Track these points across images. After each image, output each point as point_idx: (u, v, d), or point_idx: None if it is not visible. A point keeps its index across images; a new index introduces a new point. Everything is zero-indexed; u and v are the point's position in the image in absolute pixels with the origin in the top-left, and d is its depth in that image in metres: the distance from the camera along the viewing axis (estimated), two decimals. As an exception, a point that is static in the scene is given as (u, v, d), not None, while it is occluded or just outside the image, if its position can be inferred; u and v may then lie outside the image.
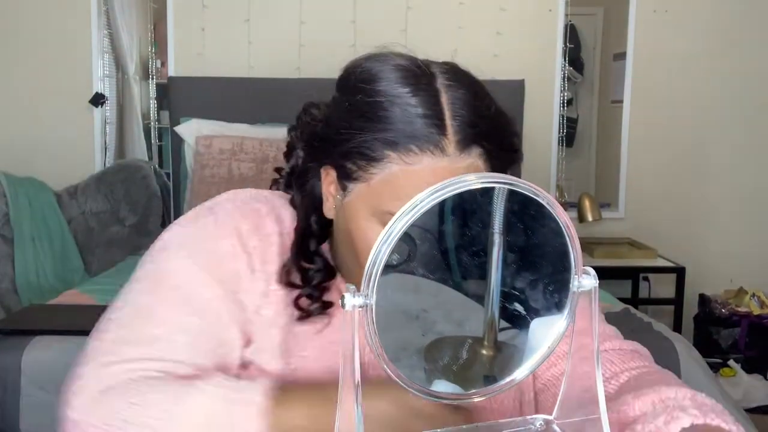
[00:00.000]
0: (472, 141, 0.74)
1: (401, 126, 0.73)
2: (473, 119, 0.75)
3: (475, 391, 0.59)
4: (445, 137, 0.73)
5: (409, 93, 0.75)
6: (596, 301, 0.59)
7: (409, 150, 0.73)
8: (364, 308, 0.54)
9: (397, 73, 0.77)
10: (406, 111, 0.74)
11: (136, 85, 4.10)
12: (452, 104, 0.75)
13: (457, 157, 0.73)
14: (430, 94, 0.75)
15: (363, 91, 0.77)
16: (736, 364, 3.27)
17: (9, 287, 3.06)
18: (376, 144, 0.74)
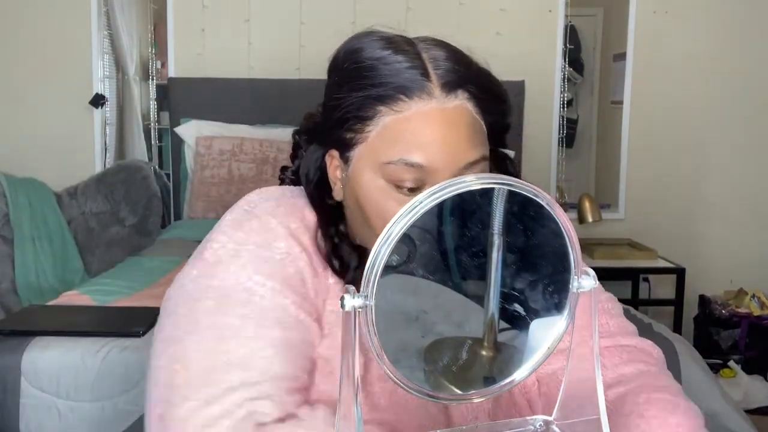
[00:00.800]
0: (456, 85, 0.78)
1: (388, 80, 0.77)
2: (455, 67, 0.79)
3: (474, 392, 0.59)
4: (429, 82, 0.77)
5: (391, 53, 0.78)
6: (596, 301, 0.59)
7: (398, 100, 0.76)
8: (364, 309, 0.54)
9: (379, 41, 0.80)
10: (390, 66, 0.77)
11: (136, 86, 4.10)
12: (434, 59, 0.79)
13: (444, 98, 0.77)
14: (412, 52, 0.79)
15: (348, 61, 0.80)
16: (736, 365, 3.27)
17: (9, 287, 3.06)
18: (367, 102, 0.77)
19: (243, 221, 0.81)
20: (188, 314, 0.75)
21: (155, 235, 3.39)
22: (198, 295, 0.76)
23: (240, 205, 0.84)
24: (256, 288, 0.75)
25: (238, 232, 0.80)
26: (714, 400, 1.89)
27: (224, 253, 0.78)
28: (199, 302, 0.75)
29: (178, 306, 0.76)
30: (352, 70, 0.79)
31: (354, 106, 0.78)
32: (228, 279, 0.76)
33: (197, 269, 0.78)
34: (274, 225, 0.80)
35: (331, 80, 0.84)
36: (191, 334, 0.73)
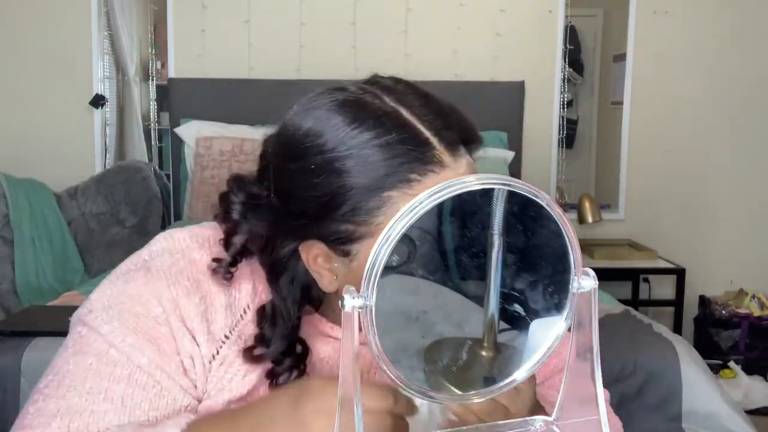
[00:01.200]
0: (456, 141, 0.69)
1: (387, 162, 0.66)
2: (442, 121, 0.69)
3: (474, 392, 0.59)
4: (434, 149, 0.67)
5: (372, 126, 0.67)
6: (596, 302, 0.59)
7: (409, 181, 0.66)
8: (364, 309, 0.54)
9: (344, 112, 0.69)
10: (380, 145, 0.66)
11: (136, 87, 4.10)
12: (416, 115, 0.69)
13: (455, 162, 0.68)
14: (393, 117, 0.68)
15: (322, 149, 0.68)
16: (736, 366, 3.27)
17: (9, 288, 3.06)
18: (369, 193, 0.66)
19: (131, 272, 0.77)
20: (59, 352, 0.76)
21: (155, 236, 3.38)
22: (66, 341, 0.77)
23: (142, 252, 0.79)
24: (116, 341, 0.72)
25: (120, 283, 0.76)
26: (714, 401, 1.89)
27: (99, 302, 0.75)
28: (64, 349, 0.76)
29: (66, 339, 0.77)
30: (330, 163, 0.67)
31: (351, 202, 0.67)
32: (92, 329, 0.74)
33: (77, 316, 0.77)
34: (160, 283, 0.74)
35: (300, 172, 0.70)
36: (48, 375, 0.75)
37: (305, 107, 0.72)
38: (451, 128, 0.69)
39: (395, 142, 0.66)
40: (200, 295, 0.75)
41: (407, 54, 3.55)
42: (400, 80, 0.74)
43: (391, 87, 0.72)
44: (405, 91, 0.71)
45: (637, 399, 1.91)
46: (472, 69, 3.57)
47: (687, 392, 1.90)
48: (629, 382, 1.90)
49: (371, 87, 0.72)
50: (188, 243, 0.78)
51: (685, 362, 1.92)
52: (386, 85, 0.72)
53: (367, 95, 0.70)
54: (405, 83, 0.73)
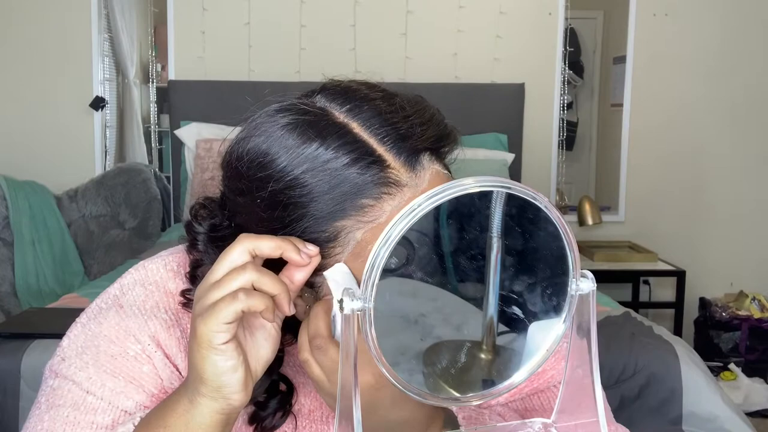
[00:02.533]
0: (416, 152, 0.62)
1: (336, 189, 0.60)
2: (400, 131, 0.62)
3: (473, 395, 0.59)
4: (388, 168, 0.60)
5: (318, 149, 0.61)
6: (594, 304, 0.59)
7: (362, 207, 0.60)
8: (363, 312, 0.54)
9: (289, 137, 0.62)
10: (329, 171, 0.60)
11: (136, 89, 4.11)
12: (369, 129, 0.62)
13: (415, 178, 0.61)
14: (341, 134, 0.61)
15: (268, 180, 0.62)
16: (736, 368, 3.26)
17: (9, 290, 3.06)
18: (322, 224, 0.61)
19: (103, 311, 0.72)
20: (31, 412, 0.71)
21: (155, 238, 3.39)
22: (38, 396, 0.72)
23: (112, 288, 0.74)
24: (94, 388, 0.68)
25: (92, 325, 0.71)
26: (714, 403, 1.89)
27: (72, 349, 0.71)
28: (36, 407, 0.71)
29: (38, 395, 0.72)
30: (279, 193, 0.62)
31: (302, 231, 0.62)
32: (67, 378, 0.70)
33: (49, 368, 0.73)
34: (134, 320, 0.70)
35: (249, 204, 0.65)
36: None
37: (246, 134, 0.66)
38: (411, 137, 0.62)
39: (344, 166, 0.60)
40: (181, 329, 0.71)
41: (407, 56, 3.55)
42: (358, 83, 0.68)
43: (344, 93, 0.65)
44: (361, 96, 0.65)
45: (637, 401, 1.90)
46: (472, 71, 3.57)
47: (687, 394, 1.90)
48: (629, 384, 1.90)
49: (320, 98, 0.65)
50: (162, 273, 0.73)
51: (686, 364, 1.92)
52: (339, 92, 0.65)
53: (313, 113, 0.63)
54: (365, 85, 0.67)
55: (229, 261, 0.60)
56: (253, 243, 0.60)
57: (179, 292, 0.72)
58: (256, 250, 0.60)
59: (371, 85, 0.68)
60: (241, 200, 0.66)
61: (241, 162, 0.65)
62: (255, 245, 0.60)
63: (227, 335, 0.58)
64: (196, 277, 0.71)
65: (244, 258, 0.60)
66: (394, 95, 0.66)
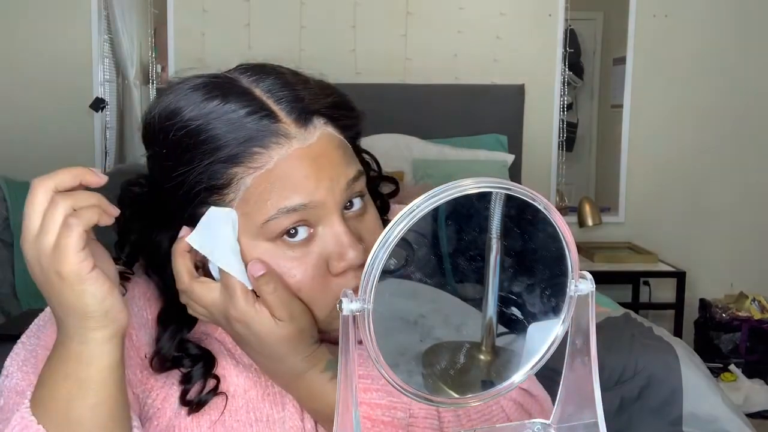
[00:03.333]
0: (309, 112, 0.69)
1: (229, 137, 0.67)
2: (298, 94, 0.70)
3: (472, 396, 0.59)
4: (280, 122, 0.68)
5: (220, 104, 0.68)
6: (593, 305, 0.59)
7: (252, 154, 0.67)
8: (362, 313, 0.54)
9: (196, 93, 0.69)
10: (225, 120, 0.67)
11: (136, 90, 4.11)
12: (269, 92, 0.70)
13: (304, 133, 0.68)
14: (242, 93, 0.69)
15: (172, 129, 0.68)
16: (737, 369, 3.26)
17: (9, 292, 3.06)
18: (216, 170, 0.67)
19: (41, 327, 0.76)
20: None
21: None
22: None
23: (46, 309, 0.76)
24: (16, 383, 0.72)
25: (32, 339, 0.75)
26: (715, 404, 1.89)
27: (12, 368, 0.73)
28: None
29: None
30: (182, 137, 0.68)
31: (200, 178, 0.67)
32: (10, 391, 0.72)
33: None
34: None
35: (155, 152, 0.72)
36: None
37: (161, 94, 0.74)
38: (306, 101, 0.70)
39: (241, 117, 0.67)
40: None
41: (407, 57, 3.56)
42: (269, 64, 0.76)
43: (253, 68, 0.73)
44: (267, 70, 0.73)
45: (637, 402, 1.91)
46: (472, 72, 3.57)
47: (687, 395, 1.90)
48: (630, 385, 1.90)
49: (232, 71, 0.73)
50: None
51: (686, 365, 1.92)
52: (249, 67, 0.74)
53: (222, 77, 0.72)
54: (274, 66, 0.75)
55: (38, 205, 0.63)
56: (51, 180, 0.65)
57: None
58: (57, 186, 0.64)
59: (279, 66, 0.76)
60: (150, 152, 0.73)
61: (152, 114, 0.71)
62: (54, 181, 0.64)
63: (90, 261, 0.61)
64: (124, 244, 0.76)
65: (48, 197, 0.63)
66: (301, 74, 0.75)
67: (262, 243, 0.68)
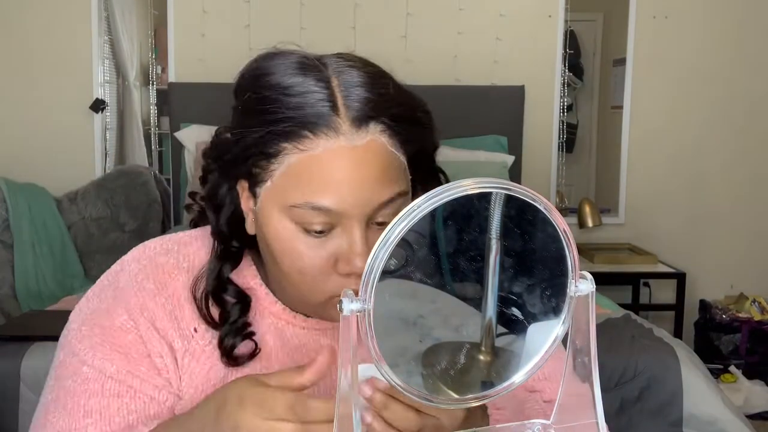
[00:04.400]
0: (368, 117, 0.70)
1: (291, 114, 0.70)
2: (368, 97, 0.71)
3: (472, 396, 0.59)
4: (337, 117, 0.69)
5: (298, 82, 0.71)
6: (593, 305, 0.59)
7: (303, 137, 0.69)
8: (362, 313, 0.54)
9: (284, 66, 0.73)
10: (296, 99, 0.70)
11: (136, 91, 4.11)
12: (344, 86, 0.71)
13: (354, 134, 0.69)
14: (320, 79, 0.71)
15: (252, 89, 0.74)
16: (737, 370, 3.26)
17: (9, 293, 3.06)
18: (270, 139, 0.71)
19: (104, 288, 0.82)
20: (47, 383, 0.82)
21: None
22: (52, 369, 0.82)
23: (115, 266, 0.84)
24: (87, 358, 0.78)
25: (94, 300, 0.82)
26: (715, 406, 1.89)
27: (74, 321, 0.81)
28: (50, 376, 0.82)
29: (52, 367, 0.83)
30: (255, 101, 0.72)
31: (257, 142, 0.71)
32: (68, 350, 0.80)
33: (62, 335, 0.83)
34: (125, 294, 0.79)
35: (235, 106, 0.77)
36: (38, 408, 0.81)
37: (265, 55, 0.76)
38: (370, 105, 0.71)
39: (308, 102, 0.70)
40: (166, 296, 0.79)
41: (407, 59, 3.55)
42: (363, 60, 0.77)
43: (345, 58, 0.75)
44: (356, 66, 0.74)
45: (637, 403, 1.90)
46: (472, 73, 3.57)
47: (688, 397, 1.90)
48: (630, 386, 1.90)
49: (328, 57, 0.76)
50: (156, 249, 0.83)
51: (686, 367, 1.92)
52: (343, 57, 0.76)
53: (312, 61, 0.74)
54: (367, 62, 0.77)
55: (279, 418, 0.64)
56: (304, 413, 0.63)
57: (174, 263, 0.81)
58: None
59: (372, 63, 0.77)
60: (232, 105, 0.77)
61: (244, 75, 0.77)
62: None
63: None
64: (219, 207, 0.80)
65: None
66: (386, 76, 0.76)
67: (286, 221, 0.72)
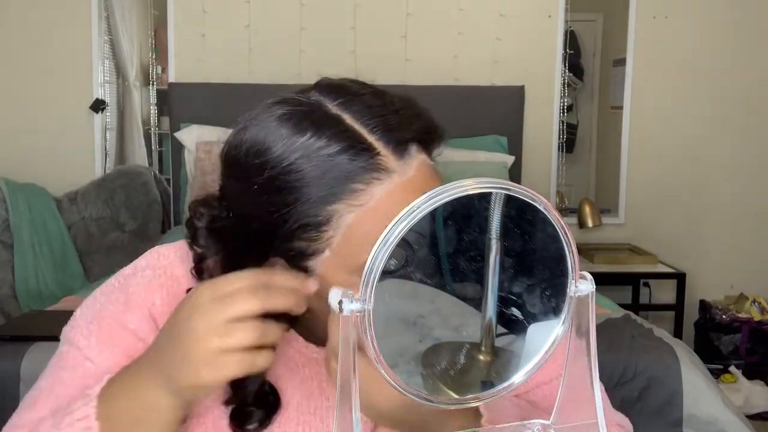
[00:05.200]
0: (404, 142, 0.66)
1: (328, 175, 0.64)
2: (389, 121, 0.66)
3: (472, 396, 0.59)
4: (378, 155, 0.64)
5: (311, 138, 0.64)
6: (593, 306, 0.59)
7: (353, 192, 0.64)
8: (362, 313, 0.54)
9: (283, 127, 0.66)
10: (321, 158, 0.64)
11: (136, 91, 4.11)
12: (360, 120, 0.66)
13: (403, 165, 0.65)
14: (333, 124, 0.65)
15: (262, 168, 0.66)
16: (737, 370, 3.26)
17: (9, 293, 3.06)
18: (315, 208, 0.64)
19: (115, 290, 0.78)
20: (43, 371, 0.78)
21: (155, 241, 3.38)
22: (51, 359, 0.79)
23: (126, 269, 0.79)
24: (92, 355, 0.74)
25: (103, 299, 0.78)
26: (715, 406, 1.89)
27: (82, 317, 0.78)
28: (48, 365, 0.78)
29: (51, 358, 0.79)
30: (274, 177, 0.65)
31: (300, 217, 0.65)
32: (72, 345, 0.76)
33: (65, 328, 0.79)
34: (138, 298, 0.76)
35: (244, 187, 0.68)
36: (29, 392, 0.77)
37: (244, 125, 0.70)
38: (400, 128, 0.66)
39: (336, 153, 0.64)
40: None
41: (407, 59, 3.56)
42: (350, 81, 0.71)
43: (337, 89, 0.69)
44: (353, 92, 0.68)
45: (637, 404, 1.90)
46: (472, 74, 3.57)
47: (688, 397, 1.90)
48: (630, 386, 1.90)
49: (315, 93, 0.69)
50: (171, 259, 0.78)
51: (686, 367, 1.92)
52: (332, 88, 0.69)
53: (307, 105, 0.68)
54: (356, 83, 0.71)
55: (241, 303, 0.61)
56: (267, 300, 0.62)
57: (185, 290, 0.73)
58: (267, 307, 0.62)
59: (362, 83, 0.72)
60: (239, 186, 0.69)
61: (239, 150, 0.68)
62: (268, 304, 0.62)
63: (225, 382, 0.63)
64: (202, 270, 0.73)
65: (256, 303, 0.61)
66: (384, 92, 0.70)
67: (355, 276, 0.61)
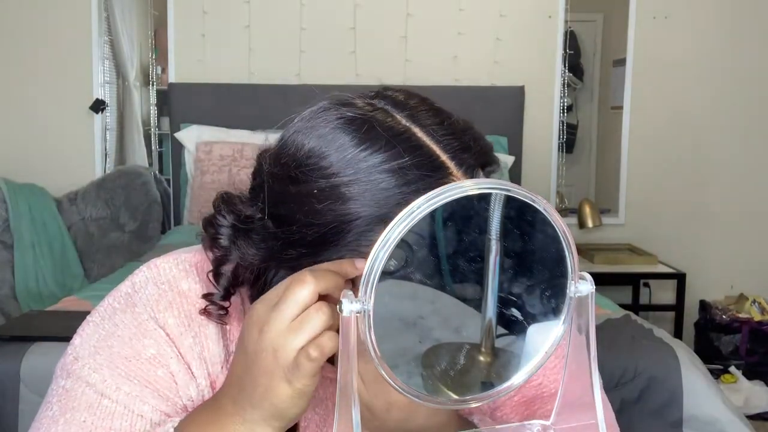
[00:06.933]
0: (473, 166, 0.63)
1: (402, 189, 0.60)
2: (462, 142, 0.63)
3: (472, 397, 0.59)
4: (453, 176, 0.61)
5: (376, 152, 0.60)
6: (593, 306, 0.59)
7: None
8: (362, 314, 0.54)
9: (343, 134, 0.62)
10: (394, 172, 0.60)
11: (136, 92, 4.11)
12: (431, 135, 0.62)
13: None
14: (405, 137, 0.61)
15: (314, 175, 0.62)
16: (737, 371, 3.26)
17: (9, 293, 3.06)
18: (378, 224, 0.60)
19: (117, 311, 0.70)
20: (40, 412, 0.68)
21: (155, 241, 3.39)
22: (48, 396, 0.68)
23: (124, 285, 0.72)
24: (110, 391, 0.66)
25: (106, 324, 0.69)
26: (715, 406, 1.89)
27: (84, 349, 0.68)
28: (48, 409, 0.67)
29: (48, 395, 0.69)
30: (331, 188, 0.61)
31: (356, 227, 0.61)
32: (81, 379, 0.67)
33: (60, 367, 0.69)
34: (148, 317, 0.68)
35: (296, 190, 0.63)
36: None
37: (308, 124, 0.64)
38: (468, 150, 0.63)
39: (408, 167, 0.60)
40: (193, 334, 0.69)
41: (407, 59, 3.56)
42: (413, 94, 0.67)
43: (402, 102, 0.65)
44: (418, 106, 0.65)
45: (637, 404, 1.90)
46: (472, 74, 3.57)
47: (688, 397, 1.90)
48: (630, 387, 1.90)
49: (381, 101, 0.65)
50: (174, 272, 0.71)
51: (686, 367, 1.92)
52: (398, 100, 0.65)
53: (378, 112, 0.63)
54: (419, 98, 0.67)
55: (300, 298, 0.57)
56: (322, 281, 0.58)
57: (200, 296, 0.69)
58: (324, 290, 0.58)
59: (422, 97, 0.67)
60: (292, 189, 0.63)
61: (300, 151, 0.63)
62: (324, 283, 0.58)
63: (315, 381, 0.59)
64: (220, 275, 0.68)
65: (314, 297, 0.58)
66: (441, 110, 0.66)
67: None
